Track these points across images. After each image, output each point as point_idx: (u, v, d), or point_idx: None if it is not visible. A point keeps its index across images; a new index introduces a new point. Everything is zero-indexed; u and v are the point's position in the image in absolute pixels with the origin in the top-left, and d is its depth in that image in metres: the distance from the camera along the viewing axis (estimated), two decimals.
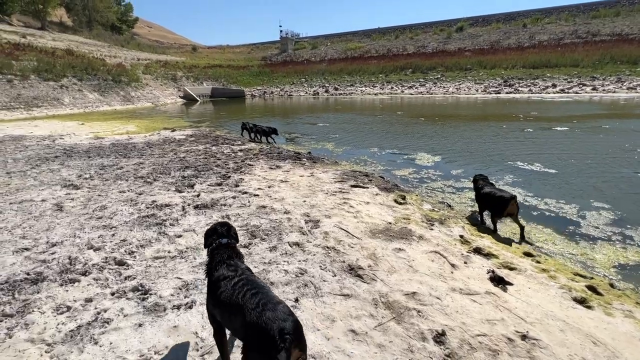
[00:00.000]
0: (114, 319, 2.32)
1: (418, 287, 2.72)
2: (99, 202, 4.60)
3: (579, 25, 38.69)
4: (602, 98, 21.36)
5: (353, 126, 13.83)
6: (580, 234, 4.06)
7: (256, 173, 6.25)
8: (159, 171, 6.30)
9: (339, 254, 3.22)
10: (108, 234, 3.63)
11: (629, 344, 2.17)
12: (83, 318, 2.32)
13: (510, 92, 27.16)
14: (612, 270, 3.36)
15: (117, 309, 2.42)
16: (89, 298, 2.54)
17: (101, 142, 9.76)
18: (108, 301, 2.51)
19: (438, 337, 2.18)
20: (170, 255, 3.21)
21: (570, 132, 10.56)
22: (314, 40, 60.28)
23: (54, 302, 2.50)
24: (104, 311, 2.39)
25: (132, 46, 47.59)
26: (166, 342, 2.11)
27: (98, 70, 28.91)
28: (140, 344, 2.10)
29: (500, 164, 7.25)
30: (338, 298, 2.58)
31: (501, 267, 3.16)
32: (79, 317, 2.33)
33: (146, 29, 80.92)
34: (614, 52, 30.35)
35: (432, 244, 3.49)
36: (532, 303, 2.58)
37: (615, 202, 4.94)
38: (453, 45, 42.65)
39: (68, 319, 2.32)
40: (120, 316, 2.35)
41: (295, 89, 39.92)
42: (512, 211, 3.95)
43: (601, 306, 2.60)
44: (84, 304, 2.48)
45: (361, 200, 4.79)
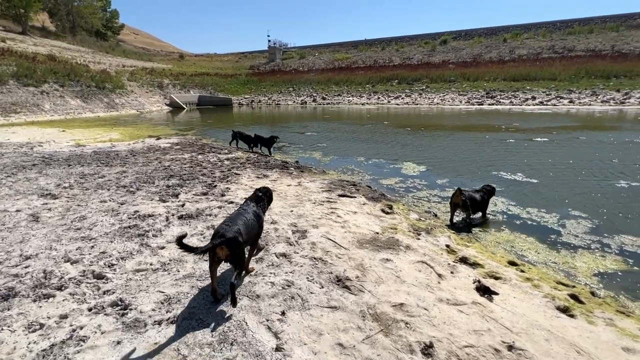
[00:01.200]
0: (90, 336, 2.21)
1: (406, 298, 2.71)
2: (78, 213, 4.43)
3: (556, 41, 40.48)
4: (579, 110, 22.26)
5: (341, 135, 13.92)
6: (561, 243, 4.16)
7: (243, 182, 6.18)
8: (142, 180, 6.15)
9: (326, 265, 3.19)
10: (87, 245, 3.49)
11: (611, 352, 2.21)
12: (57, 336, 2.20)
13: (493, 103, 28.00)
14: (593, 279, 3.45)
15: (94, 325, 2.31)
16: (64, 314, 2.42)
17: (82, 150, 9.49)
18: (85, 317, 2.40)
19: (426, 349, 2.17)
20: (153, 267, 3.11)
21: (550, 143, 10.92)
22: (302, 50, 60.93)
23: (26, 319, 2.37)
24: (79, 328, 2.28)
25: (118, 53, 46.95)
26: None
27: (81, 76, 28.32)
28: None
29: (484, 173, 7.41)
30: (325, 310, 2.54)
31: (487, 276, 3.19)
32: (52, 335, 2.21)
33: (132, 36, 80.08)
34: (589, 67, 31.81)
35: (419, 254, 3.50)
36: (518, 313, 2.60)
37: (592, 211, 5.10)
38: (437, 58, 43.83)
39: (40, 337, 2.20)
40: (97, 333, 2.24)
41: (283, 98, 40.05)
42: (456, 201, 4.55)
43: (583, 315, 2.65)
44: (59, 321, 2.35)
45: (349, 210, 4.78)
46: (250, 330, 2.29)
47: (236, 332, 2.28)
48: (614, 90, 27.14)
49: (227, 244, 2.44)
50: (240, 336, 2.23)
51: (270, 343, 2.18)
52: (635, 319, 2.71)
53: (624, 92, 26.51)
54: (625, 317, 2.72)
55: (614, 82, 29.14)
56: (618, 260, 3.71)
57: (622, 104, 24.13)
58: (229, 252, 2.46)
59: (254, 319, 2.41)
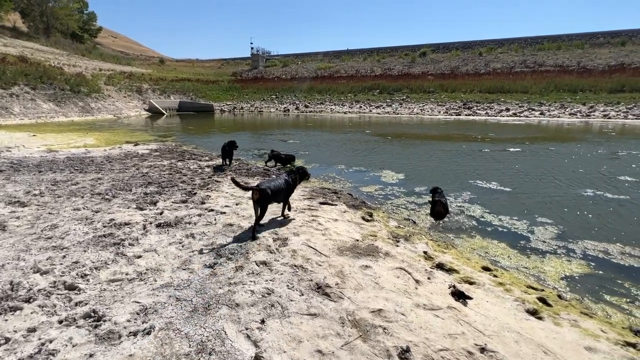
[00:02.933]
0: (60, 349, 2.13)
1: (384, 304, 2.76)
2: (49, 221, 4.26)
3: (527, 56, 42.62)
4: (549, 122, 23.44)
5: (323, 143, 14.04)
6: (531, 248, 4.36)
7: (224, 190, 6.12)
8: (118, 187, 5.98)
9: (306, 273, 3.21)
10: (58, 255, 3.36)
11: (575, 352, 2.34)
12: (24, 351, 2.11)
13: (470, 114, 29.04)
14: (561, 282, 3.63)
15: (65, 338, 2.23)
16: (32, 328, 2.32)
17: (55, 156, 9.13)
18: (55, 330, 2.31)
19: (402, 354, 2.22)
20: (128, 277, 3.03)
21: (522, 153, 11.43)
22: (285, 58, 61.25)
23: None
24: (49, 342, 2.19)
25: (94, 56, 45.60)
26: None
27: (55, 79, 27.31)
28: None
29: (461, 181, 7.66)
30: (305, 318, 2.55)
31: (462, 281, 3.31)
32: (19, 350, 2.12)
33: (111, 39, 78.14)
34: (557, 81, 33.65)
35: (397, 261, 3.59)
36: (490, 316, 2.71)
37: (559, 218, 5.38)
38: (417, 69, 45.14)
39: (6, 352, 2.10)
40: (68, 346, 2.16)
41: (265, 105, 40.00)
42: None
43: (551, 317, 2.79)
44: (26, 335, 2.26)
45: (329, 218, 4.83)
46: (229, 340, 2.27)
47: (215, 341, 2.25)
48: (580, 104, 28.78)
49: (259, 190, 4.04)
50: (218, 345, 2.22)
51: (249, 352, 2.18)
52: (597, 320, 2.88)
53: (589, 105, 28.16)
54: (589, 318, 2.88)
55: (580, 95, 30.91)
56: (582, 264, 3.92)
57: (587, 116, 25.60)
58: (259, 196, 4.04)
59: (233, 327, 2.40)
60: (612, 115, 24.98)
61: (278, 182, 4.37)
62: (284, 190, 4.49)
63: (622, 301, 3.29)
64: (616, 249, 4.27)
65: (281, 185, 4.39)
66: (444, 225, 5.15)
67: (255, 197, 4.03)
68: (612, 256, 4.12)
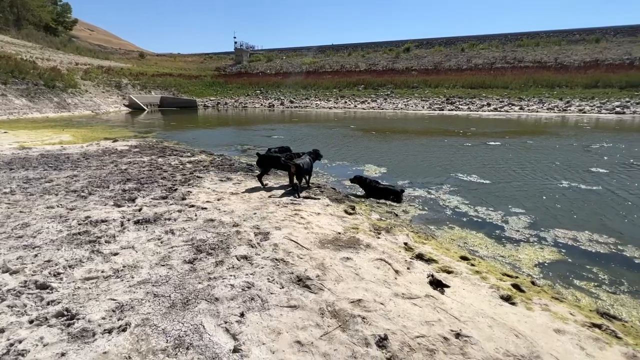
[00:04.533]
0: (30, 349, 2.06)
1: (363, 294, 2.80)
2: (20, 220, 4.10)
3: (507, 52, 43.56)
4: (528, 117, 24.11)
5: (307, 138, 14.00)
6: (506, 238, 4.50)
7: (205, 185, 6.04)
8: (95, 184, 5.81)
9: (287, 266, 3.21)
10: (29, 254, 3.24)
11: (544, 334, 2.43)
12: None
13: (452, 109, 29.54)
14: (534, 269, 3.76)
15: (35, 338, 2.16)
16: (0, 328, 2.24)
17: (27, 153, 8.78)
18: (24, 330, 2.24)
19: (380, 342, 2.26)
20: (104, 275, 2.96)
21: (502, 146, 11.73)
22: (269, 53, 60.52)
23: None
24: (18, 342, 2.12)
25: (70, 49, 43.83)
26: None
27: (27, 73, 26.20)
28: None
29: (443, 175, 7.81)
30: (285, 310, 2.56)
31: (440, 271, 3.38)
32: None
33: (87, 32, 75.23)
34: (536, 77, 34.62)
35: (378, 252, 3.63)
36: (466, 303, 2.78)
37: (534, 208, 5.57)
38: (401, 65, 45.47)
39: None
40: (38, 346, 2.10)
41: (250, 100, 39.54)
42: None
43: (523, 302, 2.89)
44: None
45: (312, 212, 4.84)
46: (208, 334, 2.26)
47: (192, 336, 2.24)
48: (557, 99, 29.71)
49: (296, 166, 5.64)
50: (196, 340, 2.20)
51: (228, 345, 2.17)
52: (567, 303, 3.00)
53: (566, 100, 29.11)
54: (559, 302, 3.00)
55: (557, 91, 31.91)
56: (554, 252, 4.08)
57: (564, 111, 26.48)
58: (295, 170, 5.66)
59: (211, 322, 2.38)
60: (587, 110, 25.91)
61: (306, 160, 6.00)
62: (307, 166, 5.99)
63: (590, 285, 3.45)
64: (585, 237, 4.45)
65: (309, 162, 6.08)
66: (425, 217, 5.25)
67: (293, 170, 5.70)
68: (581, 243, 4.30)
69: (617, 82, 30.83)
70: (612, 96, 28.79)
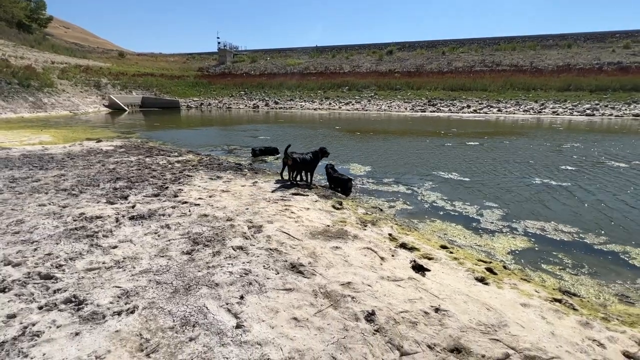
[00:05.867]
0: (45, 331, 2.21)
1: (352, 277, 3.05)
2: (14, 217, 4.14)
3: (486, 56, 45.15)
4: (506, 118, 25.13)
5: (293, 139, 14.20)
6: (483, 229, 4.86)
7: (196, 184, 6.16)
8: (85, 183, 5.84)
9: (281, 254, 3.43)
10: (29, 248, 3.33)
11: (512, 307, 2.75)
12: (7, 334, 2.17)
13: (434, 110, 30.40)
14: (507, 256, 4.12)
15: (48, 321, 2.30)
16: (11, 314, 2.36)
17: (8, 153, 8.61)
18: (36, 315, 2.37)
19: (369, 317, 2.52)
20: (106, 266, 3.10)
21: (480, 146, 12.30)
22: (253, 54, 60.33)
23: None
24: (32, 325, 2.26)
25: (45, 47, 42.36)
26: (108, 346, 2.09)
27: (0, 72, 25.21)
28: (78, 351, 2.05)
29: (425, 172, 8.19)
30: (281, 292, 2.78)
31: (422, 257, 3.68)
32: (1, 333, 2.17)
33: (62, 30, 72.72)
34: (513, 80, 36.07)
35: (365, 242, 3.90)
36: (444, 283, 3.08)
37: (507, 202, 5.99)
38: (384, 67, 46.34)
39: None
40: (52, 328, 2.24)
41: (234, 101, 39.34)
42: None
43: (495, 282, 3.22)
44: (6, 320, 2.30)
45: (302, 207, 5.07)
46: (211, 313, 2.45)
47: (197, 315, 2.43)
48: (533, 101, 31.08)
49: (292, 159, 6.12)
50: (201, 319, 2.39)
51: (231, 322, 2.37)
52: (533, 283, 3.36)
53: (541, 102, 30.50)
54: (527, 282, 3.35)
55: (532, 94, 33.36)
56: (525, 240, 4.46)
57: (539, 113, 27.74)
58: (291, 163, 6.16)
59: (214, 303, 2.58)
60: (560, 112, 27.25)
61: (307, 156, 6.30)
62: (310, 162, 6.35)
63: (556, 269, 3.82)
64: (552, 227, 4.87)
65: (309, 158, 6.33)
66: (408, 211, 5.57)
67: (289, 163, 6.16)
68: (548, 233, 4.71)
69: (588, 85, 32.55)
70: (583, 99, 30.38)
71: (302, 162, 6.28)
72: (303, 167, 6.41)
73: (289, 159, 6.13)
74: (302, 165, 6.33)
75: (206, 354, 2.07)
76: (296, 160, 6.18)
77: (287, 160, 6.22)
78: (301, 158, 6.26)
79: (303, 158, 6.30)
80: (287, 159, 6.18)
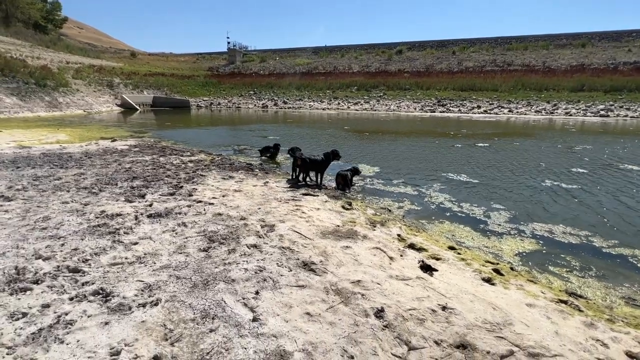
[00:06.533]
0: (77, 320, 2.38)
1: (362, 276, 3.17)
2: (40, 214, 4.37)
3: (497, 56, 44.63)
4: (517, 119, 24.87)
5: (302, 139, 14.35)
6: (491, 231, 4.92)
7: (209, 183, 6.35)
8: (104, 182, 6.07)
9: (293, 253, 3.57)
10: (56, 243, 3.54)
11: (517, 307, 2.84)
12: (43, 322, 2.35)
13: (444, 111, 30.22)
14: (515, 258, 4.18)
15: (79, 311, 2.48)
16: (45, 304, 2.55)
17: (29, 152, 8.94)
18: (67, 305, 2.55)
19: (378, 313, 2.63)
20: (128, 261, 3.27)
21: (490, 147, 12.26)
22: (263, 53, 60.73)
23: (6, 310, 2.47)
24: (65, 314, 2.43)
25: (60, 47, 43.39)
26: (135, 335, 2.26)
27: (17, 72, 25.96)
28: (109, 339, 2.21)
29: (434, 174, 8.24)
30: (294, 289, 2.92)
31: (430, 258, 3.77)
32: (38, 322, 2.35)
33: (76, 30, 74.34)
34: (525, 80, 35.60)
35: (374, 242, 4.01)
36: (451, 283, 3.18)
37: (517, 205, 6.02)
38: (394, 67, 46.18)
39: (26, 324, 2.33)
40: (83, 317, 2.41)
41: (243, 101, 39.71)
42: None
43: (501, 283, 3.30)
44: (42, 310, 2.48)
45: (312, 207, 5.20)
46: (229, 307, 2.60)
47: (216, 309, 2.58)
48: (545, 102, 30.65)
49: (302, 160, 6.39)
50: (220, 312, 2.54)
51: (248, 316, 2.52)
52: (540, 285, 3.43)
53: (553, 103, 30.06)
54: (533, 284, 3.42)
55: (545, 94, 32.89)
56: (533, 243, 4.52)
57: (551, 114, 27.36)
58: (300, 163, 6.43)
59: (231, 298, 2.73)
60: (573, 113, 26.83)
61: (317, 157, 6.53)
62: (320, 163, 6.52)
63: (563, 271, 3.88)
64: (560, 230, 4.91)
65: (319, 159, 6.52)
66: (417, 212, 5.65)
67: (299, 163, 6.45)
68: (556, 236, 4.74)
69: (602, 86, 31.94)
70: (597, 99, 29.84)
71: (311, 163, 6.51)
72: (313, 168, 6.61)
73: (298, 159, 6.39)
74: (312, 166, 6.55)
75: (226, 344, 2.21)
76: (305, 160, 6.45)
77: (297, 161, 6.50)
78: (311, 159, 6.50)
79: (313, 159, 6.53)
80: (297, 160, 6.47)
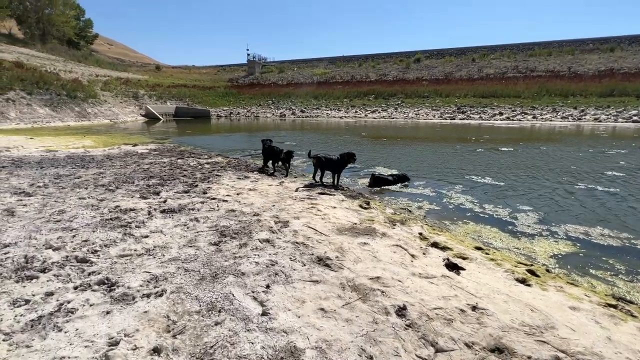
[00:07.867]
0: (79, 308, 2.26)
1: (382, 272, 2.92)
2: (57, 208, 4.38)
3: (519, 62, 43.48)
4: (542, 125, 23.90)
5: (319, 145, 14.24)
6: (521, 232, 4.54)
7: (224, 182, 6.27)
8: (121, 180, 6.11)
9: (307, 248, 3.36)
10: (68, 235, 3.49)
11: (559, 310, 2.51)
12: (44, 309, 2.24)
13: (464, 118, 29.51)
14: (550, 260, 3.81)
15: (82, 299, 2.36)
16: (49, 292, 2.45)
17: (55, 155, 9.23)
18: (71, 294, 2.44)
19: (400, 311, 2.38)
20: (137, 253, 3.17)
21: (515, 152, 11.71)
22: (281, 64, 61.80)
23: (10, 296, 2.38)
24: (67, 302, 2.32)
25: (91, 62, 45.73)
26: (136, 325, 2.10)
27: (51, 84, 27.37)
28: (108, 328, 2.07)
29: (455, 176, 7.87)
30: (307, 284, 2.70)
31: (455, 257, 3.47)
32: (39, 309, 2.25)
33: (106, 46, 78.36)
34: (549, 86, 34.36)
35: (394, 240, 3.75)
36: (481, 282, 2.88)
37: (546, 206, 5.60)
38: (412, 75, 45.81)
39: (27, 310, 2.23)
40: (85, 306, 2.29)
41: (262, 110, 40.29)
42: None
43: (538, 284, 2.97)
44: (45, 297, 2.39)
45: (328, 205, 5.00)
46: (237, 300, 2.42)
47: (223, 302, 2.40)
48: (571, 108, 29.38)
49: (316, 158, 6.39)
50: (227, 305, 2.36)
51: (257, 310, 2.32)
52: (582, 288, 3.06)
53: (581, 109, 28.77)
54: (574, 286, 3.06)
55: (571, 100, 31.58)
56: (569, 245, 4.12)
57: (579, 120, 26.15)
58: (316, 161, 6.40)
59: (240, 291, 2.54)
60: (603, 119, 25.53)
61: (334, 157, 6.40)
62: (336, 163, 6.37)
63: (607, 274, 3.48)
64: (598, 232, 4.47)
65: (335, 159, 6.37)
66: (439, 213, 5.33)
67: (314, 162, 6.47)
68: (593, 238, 4.32)
69: (634, 90, 30.35)
70: (629, 105, 28.33)
71: (327, 162, 6.40)
72: (328, 168, 6.49)
73: (314, 158, 6.41)
74: (328, 165, 6.44)
75: (232, 338, 2.02)
76: (321, 159, 6.40)
77: (313, 161, 6.49)
78: (326, 157, 6.43)
79: (329, 158, 6.38)
80: (313, 159, 6.48)
